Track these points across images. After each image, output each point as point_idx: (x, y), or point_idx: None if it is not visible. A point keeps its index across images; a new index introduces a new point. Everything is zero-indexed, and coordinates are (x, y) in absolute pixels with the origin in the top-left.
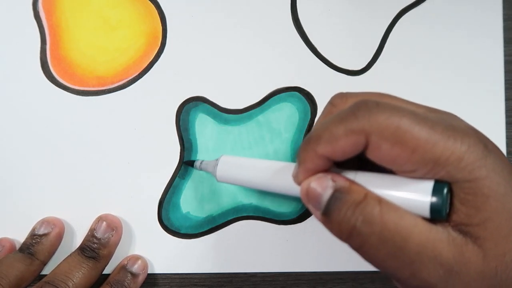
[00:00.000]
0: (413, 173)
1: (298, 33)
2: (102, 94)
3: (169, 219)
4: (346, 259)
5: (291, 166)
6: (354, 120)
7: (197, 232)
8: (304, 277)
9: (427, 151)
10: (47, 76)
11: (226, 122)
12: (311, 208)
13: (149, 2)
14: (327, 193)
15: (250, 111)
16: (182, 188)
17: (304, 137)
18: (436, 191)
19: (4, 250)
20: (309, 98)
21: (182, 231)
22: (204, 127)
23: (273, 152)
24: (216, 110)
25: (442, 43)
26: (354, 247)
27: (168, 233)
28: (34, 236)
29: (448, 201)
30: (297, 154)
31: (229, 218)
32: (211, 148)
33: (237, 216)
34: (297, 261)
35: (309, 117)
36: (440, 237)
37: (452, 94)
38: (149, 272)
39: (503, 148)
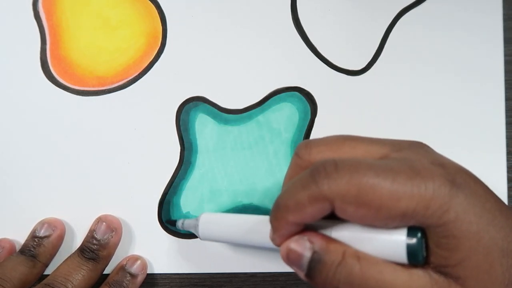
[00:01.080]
0: (384, 226)
1: (298, 33)
2: (102, 94)
3: (164, 219)
4: None
5: (268, 221)
6: (315, 187)
7: None
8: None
9: (392, 208)
10: (47, 76)
11: (226, 122)
12: (294, 269)
13: (149, 2)
14: (306, 256)
15: (250, 111)
16: (182, 188)
17: (303, 138)
18: (410, 236)
19: (4, 251)
20: (309, 98)
21: (182, 231)
22: (204, 127)
23: (273, 152)
24: (216, 110)
25: (442, 43)
26: None
27: (168, 233)
28: (35, 238)
29: (424, 245)
30: (270, 221)
31: None
32: (211, 148)
33: None
34: None
35: (309, 117)
36: (423, 282)
37: (452, 94)
38: (149, 272)
39: (503, 148)
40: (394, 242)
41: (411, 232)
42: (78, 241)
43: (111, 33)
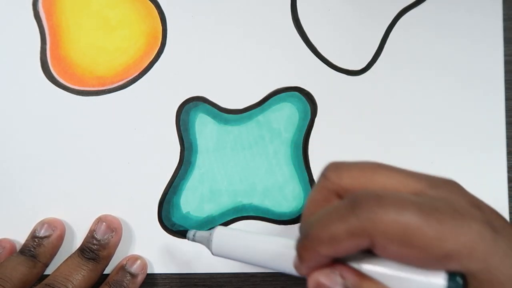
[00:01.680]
0: (423, 267)
1: (298, 33)
2: (102, 94)
3: (169, 219)
4: None
5: (291, 246)
6: (355, 221)
7: None
8: (304, 277)
9: (437, 249)
10: (47, 76)
11: (226, 122)
12: None
13: (149, 2)
14: None
15: (250, 111)
16: (182, 188)
17: (303, 138)
18: (451, 281)
19: (4, 252)
20: (309, 98)
21: (182, 231)
22: (204, 127)
23: (273, 152)
24: (216, 110)
25: (442, 43)
26: None
27: (168, 233)
28: (35, 238)
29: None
30: (297, 250)
31: (229, 218)
32: (211, 148)
33: (237, 216)
34: None
35: (309, 117)
36: None
37: (452, 94)
38: (149, 272)
39: (503, 148)
40: (433, 286)
41: (452, 276)
42: (78, 241)
43: (111, 33)
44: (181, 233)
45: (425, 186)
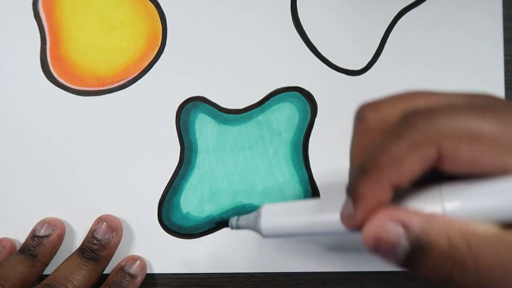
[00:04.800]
0: (506, 168)
1: (298, 33)
2: (102, 94)
3: (169, 219)
4: (346, 259)
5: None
6: (415, 132)
7: (197, 232)
8: (304, 277)
9: (503, 139)
10: (47, 76)
11: (226, 122)
12: (382, 257)
13: (149, 2)
14: (402, 246)
15: (250, 111)
16: (182, 188)
17: (303, 138)
18: None
19: (4, 251)
20: (309, 98)
21: (182, 231)
22: (204, 127)
23: (273, 152)
24: (216, 110)
25: (442, 43)
26: None
27: (168, 233)
28: (35, 238)
29: None
30: (351, 190)
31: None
32: (211, 148)
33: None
34: (297, 261)
35: (309, 117)
36: None
37: None
38: (149, 272)
39: None
40: None
41: None
42: (78, 241)
43: (111, 33)
44: (221, 224)
45: (463, 97)
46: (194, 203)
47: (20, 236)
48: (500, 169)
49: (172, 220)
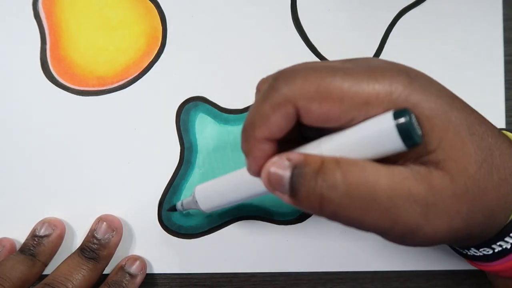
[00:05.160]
0: (353, 121)
1: (298, 33)
2: (102, 94)
3: (169, 219)
4: (346, 259)
5: None
6: (275, 94)
7: (197, 232)
8: (304, 277)
9: (355, 96)
10: (47, 76)
11: (226, 122)
12: (278, 194)
13: (149, 2)
14: (287, 174)
15: None
16: (182, 188)
17: None
18: (397, 115)
19: (4, 250)
20: None
21: (182, 231)
22: (204, 127)
23: None
24: (216, 110)
25: (442, 43)
26: (330, 216)
27: (168, 233)
28: (35, 237)
29: (416, 122)
30: (241, 147)
31: (229, 218)
32: (211, 148)
33: (237, 216)
34: (297, 261)
35: None
36: (405, 175)
37: None
38: (149, 272)
39: None
40: (381, 131)
41: (396, 112)
42: (78, 241)
43: (111, 33)
44: (172, 209)
45: (341, 62)
46: None
47: (20, 236)
48: (347, 122)
49: (172, 220)
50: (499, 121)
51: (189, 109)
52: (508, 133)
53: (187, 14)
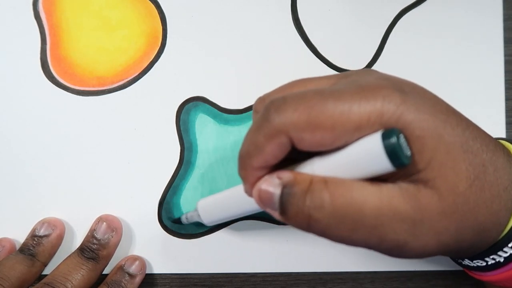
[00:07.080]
0: (346, 144)
1: (298, 33)
2: (102, 94)
3: (169, 219)
4: (346, 259)
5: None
6: (268, 125)
7: (197, 232)
8: (304, 277)
9: (346, 122)
10: (47, 76)
11: (226, 122)
12: (269, 211)
13: (149, 2)
14: (276, 193)
15: (250, 111)
16: (182, 188)
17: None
18: (385, 136)
19: (4, 250)
20: None
21: (182, 231)
22: (204, 127)
23: None
24: (216, 110)
25: (442, 44)
26: (318, 234)
27: (168, 233)
28: (34, 237)
29: (405, 142)
30: (238, 173)
31: None
32: (211, 148)
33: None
34: (297, 261)
35: None
36: (392, 193)
37: (452, 94)
38: (149, 272)
39: None
40: (370, 152)
41: (385, 133)
42: (78, 241)
43: (111, 33)
44: (176, 222)
45: (336, 79)
46: (194, 203)
47: (20, 236)
48: (341, 145)
49: (177, 219)
50: (499, 121)
51: (189, 109)
52: (507, 144)
53: (187, 14)
